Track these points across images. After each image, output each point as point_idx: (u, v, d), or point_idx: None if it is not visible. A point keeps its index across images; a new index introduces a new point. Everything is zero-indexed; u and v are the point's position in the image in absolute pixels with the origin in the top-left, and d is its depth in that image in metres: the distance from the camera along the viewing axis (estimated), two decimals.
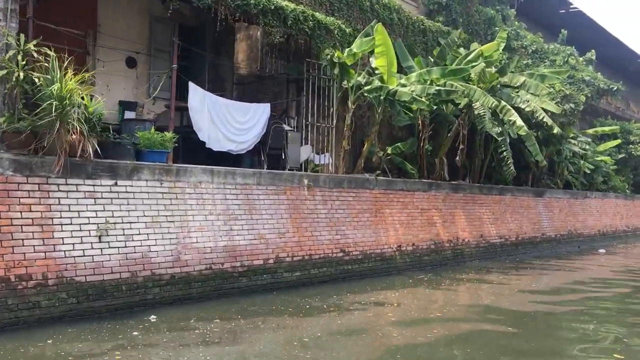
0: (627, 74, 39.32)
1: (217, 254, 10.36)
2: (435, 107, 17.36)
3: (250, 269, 10.86)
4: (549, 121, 16.90)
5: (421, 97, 14.53)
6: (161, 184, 9.83)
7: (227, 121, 12.20)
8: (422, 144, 17.44)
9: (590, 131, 26.99)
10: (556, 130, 17.03)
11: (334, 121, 15.06)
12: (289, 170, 13.29)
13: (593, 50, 25.02)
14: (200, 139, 11.72)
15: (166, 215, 9.76)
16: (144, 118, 11.30)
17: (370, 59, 15.78)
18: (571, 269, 16.63)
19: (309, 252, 12.15)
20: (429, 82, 15.48)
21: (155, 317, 8.50)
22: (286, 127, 13.77)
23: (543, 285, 13.57)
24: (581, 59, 23.88)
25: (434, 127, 18.65)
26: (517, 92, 17.93)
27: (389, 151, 16.66)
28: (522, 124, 15.85)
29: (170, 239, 9.70)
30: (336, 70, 14.38)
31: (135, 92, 12.65)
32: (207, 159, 11.85)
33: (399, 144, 17.08)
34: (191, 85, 11.56)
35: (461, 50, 19.69)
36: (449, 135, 17.94)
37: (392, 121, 17.43)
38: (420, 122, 17.01)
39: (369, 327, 8.74)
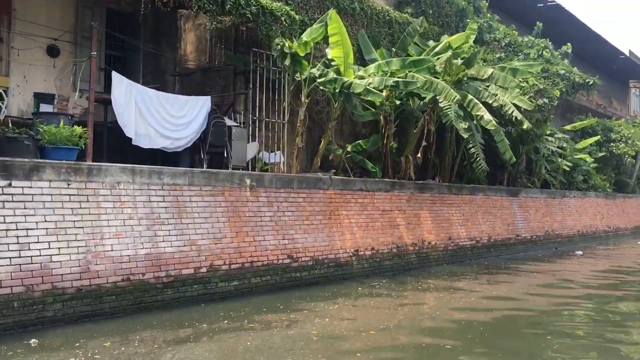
0: (610, 72, 38.60)
1: (137, 263, 9.22)
2: (399, 102, 16.36)
3: (178, 279, 9.74)
4: (519, 115, 15.92)
5: (379, 90, 13.47)
6: (68, 185, 8.68)
7: (160, 115, 11.09)
8: (386, 142, 16.38)
9: (568, 127, 26.11)
10: (526, 125, 16.04)
11: (286, 116, 13.98)
12: (232, 169, 12.21)
13: (569, 44, 24.12)
14: (127, 135, 10.58)
15: (74, 221, 8.62)
16: (61, 112, 10.14)
17: (327, 50, 14.70)
18: (542, 272, 15.65)
19: (250, 259, 11.04)
20: (388, 74, 14.44)
21: (36, 341, 7.33)
22: (230, 123, 12.67)
23: (505, 292, 12.54)
24: (557, 52, 22.95)
25: (400, 123, 17.65)
26: (487, 86, 16.95)
27: (348, 149, 15.59)
28: (490, 118, 14.85)
29: (77, 247, 8.55)
30: (287, 62, 13.30)
31: (59, 84, 11.49)
32: (144, 159, 10.76)
33: (359, 141, 16.03)
34: (115, 76, 10.44)
35: (430, 42, 18.71)
36: (414, 131, 16.91)
37: (354, 117, 16.39)
38: (382, 117, 15.93)
39: (284, 347, 7.63)
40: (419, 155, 16.55)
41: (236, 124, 12.90)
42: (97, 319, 8.52)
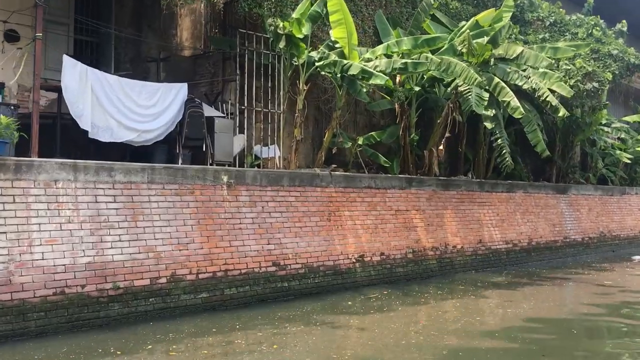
0: None
1: (76, 274, 7.96)
2: (418, 88, 14.56)
3: (129, 291, 8.42)
4: (553, 101, 13.81)
5: (384, 73, 11.77)
6: None
7: (124, 105, 9.83)
8: (404, 133, 14.62)
9: (628, 118, 23.44)
10: (562, 112, 13.90)
11: (282, 106, 12.49)
12: (217, 165, 10.86)
13: (624, 21, 21.50)
14: (81, 128, 9.37)
15: None
16: (1, 103, 9.03)
17: (330, 32, 13.11)
18: (591, 281, 13.51)
19: (224, 267, 9.62)
20: (399, 55, 12.72)
21: None
22: (213, 113, 11.30)
23: (550, 307, 10.60)
24: (610, 31, 20.44)
25: (424, 113, 15.85)
26: (525, 69, 14.90)
27: (360, 142, 13.93)
28: (518, 105, 12.86)
29: None
30: (282, 44, 11.80)
31: (18, 72, 10.41)
32: (113, 155, 9.56)
33: (372, 133, 14.34)
34: (66, 60, 9.24)
35: (462, 24, 16.75)
36: (438, 122, 15.07)
37: (368, 106, 14.73)
38: (397, 106, 14.19)
39: None
40: (440, 148, 14.69)
41: (221, 115, 11.52)
42: (17, 339, 7.30)
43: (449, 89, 15.02)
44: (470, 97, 12.83)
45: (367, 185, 12.57)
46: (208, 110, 11.34)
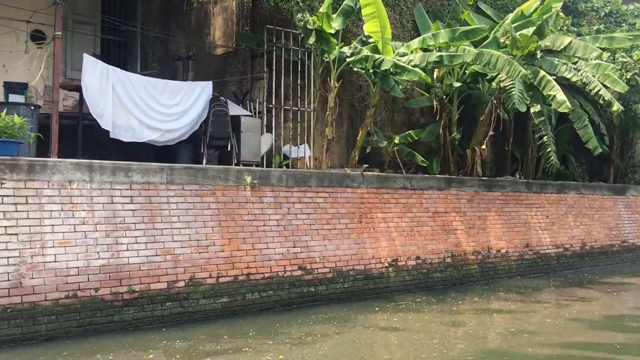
0: None
1: (89, 277, 7.78)
2: (460, 84, 13.87)
3: (145, 295, 8.19)
4: (606, 95, 12.84)
5: (418, 67, 11.18)
6: (1, 184, 7.40)
7: (146, 104, 9.66)
8: (444, 132, 13.94)
9: None
10: (616, 107, 12.91)
11: (313, 104, 12.08)
12: (243, 165, 10.57)
13: None
14: (103, 127, 9.23)
15: (5, 227, 7.32)
16: (21, 102, 8.97)
17: (364, 27, 12.60)
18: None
19: (246, 271, 9.28)
20: (436, 49, 12.10)
21: None
22: (240, 112, 11.01)
23: (607, 313, 9.79)
24: None
25: (467, 110, 15.13)
26: (574, 61, 13.99)
27: (396, 141, 13.36)
28: (564, 99, 12.01)
29: (7, 257, 7.24)
30: (311, 40, 11.40)
31: (46, 72, 10.39)
32: (136, 155, 9.40)
33: (410, 131, 13.74)
34: (86, 59, 9.13)
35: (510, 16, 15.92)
36: (481, 119, 14.32)
37: (405, 103, 14.15)
38: (436, 102, 13.53)
39: None
40: (484, 147, 13.93)
41: (248, 114, 11.21)
42: (28, 343, 7.15)
43: (493, 84, 14.25)
44: (513, 93, 12.04)
45: (402, 186, 12.00)
46: (235, 109, 11.06)
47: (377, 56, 11.23)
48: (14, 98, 9.09)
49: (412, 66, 11.27)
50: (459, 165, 14.91)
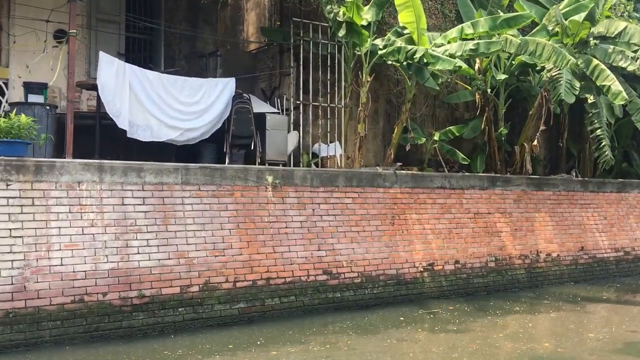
0: None
1: (97, 281, 7.52)
2: (505, 76, 12.99)
3: (156, 300, 7.87)
4: None
5: (454, 57, 10.44)
6: (7, 185, 7.24)
7: (165, 102, 9.39)
8: (488, 127, 13.07)
9: None
10: None
11: (344, 99, 11.54)
12: (269, 164, 10.15)
13: None
14: (120, 127, 9.01)
15: (10, 229, 7.15)
16: (39, 103, 8.84)
17: (399, 17, 11.95)
18: None
19: (266, 276, 8.84)
20: (476, 37, 11.30)
21: None
22: (266, 109, 10.60)
23: None
24: None
25: (514, 104, 14.22)
26: (635, 49, 12.82)
27: (436, 137, 12.62)
28: (620, 89, 10.95)
29: (11, 261, 7.06)
30: (342, 32, 10.86)
31: (56, 72, 10.28)
32: (156, 155, 9.17)
33: (451, 127, 12.96)
34: (102, 57, 8.95)
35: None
36: (530, 114, 13.37)
37: (443, 98, 13.39)
38: (478, 96, 12.69)
39: None
40: (535, 143, 12.98)
41: (274, 111, 10.78)
42: (31, 349, 6.95)
43: (543, 75, 13.27)
44: (560, 83, 11.09)
45: (440, 185, 11.26)
46: (260, 106, 10.66)
47: (409, 47, 10.57)
48: (32, 98, 8.98)
49: (448, 56, 10.52)
50: (507, 163, 14.01)
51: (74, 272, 7.40)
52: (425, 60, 10.33)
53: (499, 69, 13.46)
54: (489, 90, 13.15)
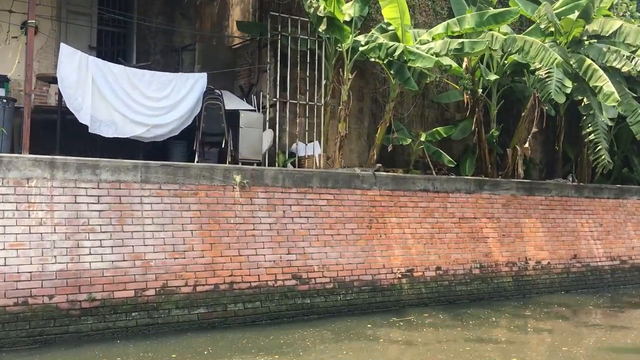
0: None
1: (43, 283, 7.16)
2: (496, 76, 12.51)
3: (107, 304, 7.49)
4: None
5: (438, 55, 9.98)
6: None
7: (130, 97, 9.02)
8: (479, 128, 12.58)
9: None
10: None
11: (324, 97, 11.12)
12: (242, 164, 9.76)
13: None
14: (81, 122, 8.66)
15: None
16: (9, 97, 8.51)
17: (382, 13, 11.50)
18: None
19: (230, 280, 8.43)
20: (464, 34, 10.83)
21: None
22: (241, 106, 10.21)
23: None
24: None
25: (508, 105, 13.72)
26: (633, 50, 12.29)
27: (422, 138, 12.15)
28: (612, 90, 10.42)
29: None
30: (322, 27, 10.43)
31: (37, 65, 9.98)
32: (123, 153, 8.83)
33: (439, 128, 12.49)
34: (63, 48, 8.59)
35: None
36: (522, 115, 12.86)
37: (432, 97, 12.93)
38: (466, 96, 12.20)
39: None
40: (526, 146, 12.47)
41: (250, 108, 10.39)
42: None
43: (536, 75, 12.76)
44: (549, 83, 10.59)
45: (423, 188, 10.80)
46: (236, 103, 10.27)
47: (390, 43, 10.12)
48: None
49: (431, 54, 10.06)
50: (499, 166, 13.50)
51: (18, 272, 7.04)
52: (405, 58, 9.87)
53: (491, 68, 12.98)
54: (480, 90, 12.66)
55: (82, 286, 7.37)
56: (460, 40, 10.12)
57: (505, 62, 12.64)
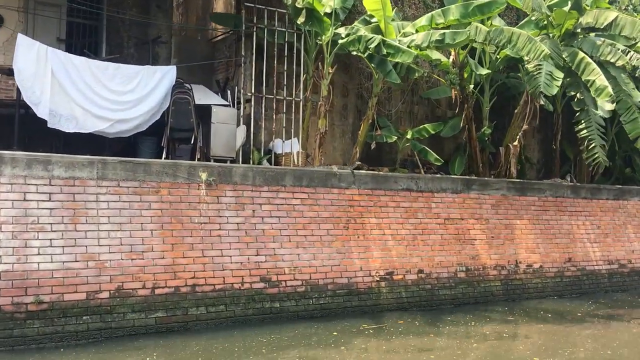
0: None
1: None
2: (487, 70, 12.00)
3: (56, 307, 7.11)
4: None
5: (420, 47, 9.50)
6: None
7: (93, 91, 8.64)
8: (469, 126, 12.06)
9: None
10: None
11: (303, 93, 10.68)
12: (215, 161, 9.37)
13: None
14: (39, 116, 8.29)
15: None
16: None
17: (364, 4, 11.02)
18: None
19: (192, 282, 8.02)
20: (451, 27, 10.33)
21: None
22: (214, 101, 9.81)
23: None
24: None
25: (503, 102, 13.20)
26: (632, 43, 11.72)
27: (408, 136, 11.66)
28: (606, 84, 9.85)
29: None
30: (301, 20, 10.00)
31: (3, 58, 9.64)
32: (90, 149, 8.49)
33: (426, 125, 11.98)
34: (20, 39, 8.25)
35: None
36: (516, 112, 12.32)
37: (421, 93, 12.44)
38: (454, 92, 11.69)
39: None
40: (515, 143, 11.94)
41: (225, 103, 9.98)
42: None
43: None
44: (538, 76, 10.05)
45: (406, 187, 10.32)
46: (209, 98, 9.87)
47: (370, 36, 9.64)
48: None
49: (412, 47, 9.58)
50: (492, 165, 12.98)
51: None
52: (384, 51, 9.40)
53: (484, 63, 12.46)
54: (471, 86, 12.15)
55: (29, 288, 7.00)
56: (442, 31, 9.62)
57: (498, 56, 12.12)
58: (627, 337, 8.75)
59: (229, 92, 10.32)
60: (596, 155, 11.15)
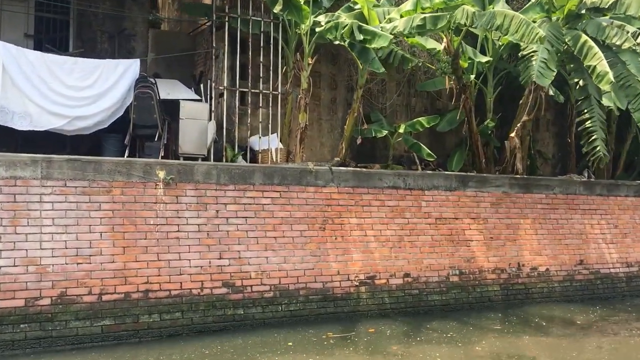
0: None
1: None
2: (487, 58, 11.14)
3: None
4: None
5: (403, 34, 8.76)
6: None
7: (48, 86, 8.26)
8: (469, 118, 11.22)
9: None
10: None
11: (281, 86, 10.07)
12: (184, 159, 8.88)
13: None
14: None
15: None
16: None
17: None
18: None
19: (144, 287, 7.50)
20: (438, 10, 9.55)
21: None
22: (184, 95, 9.31)
23: None
24: None
25: (509, 93, 12.30)
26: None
27: (401, 130, 10.91)
28: (607, 70, 8.90)
29: None
30: (277, 8, 9.38)
31: None
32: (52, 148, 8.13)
33: (420, 118, 11.20)
34: None
35: None
36: (520, 102, 11.41)
37: (417, 86, 11.66)
38: (447, 81, 10.85)
39: None
40: (512, 135, 11.04)
41: (195, 97, 9.46)
42: None
43: None
44: (532, 63, 9.16)
45: (392, 184, 9.59)
46: (181, 92, 9.38)
47: (346, 22, 8.96)
48: None
49: (396, 33, 8.86)
50: (497, 160, 12.09)
51: None
52: (360, 37, 8.70)
53: (487, 51, 11.59)
54: (472, 75, 11.31)
55: None
56: (423, 16, 8.85)
57: (501, 43, 11.24)
58: None
59: (202, 86, 9.79)
60: (597, 149, 10.16)
